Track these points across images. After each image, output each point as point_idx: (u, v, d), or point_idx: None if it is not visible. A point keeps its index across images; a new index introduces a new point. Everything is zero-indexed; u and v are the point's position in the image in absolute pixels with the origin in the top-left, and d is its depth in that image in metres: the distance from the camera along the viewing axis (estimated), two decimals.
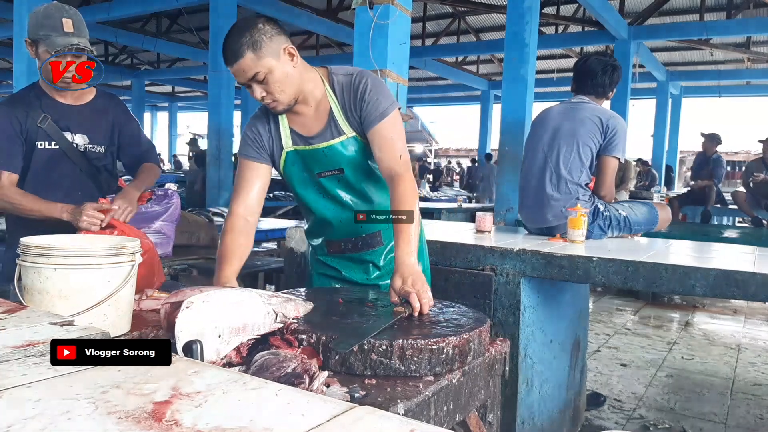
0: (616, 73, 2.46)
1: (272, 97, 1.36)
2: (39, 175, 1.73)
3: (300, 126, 1.47)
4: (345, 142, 1.44)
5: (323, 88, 1.44)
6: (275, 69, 1.32)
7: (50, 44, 1.63)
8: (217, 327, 0.95)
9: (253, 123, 1.52)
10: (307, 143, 1.46)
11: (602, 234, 2.38)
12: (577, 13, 8.80)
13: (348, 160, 1.45)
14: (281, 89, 1.35)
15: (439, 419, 0.94)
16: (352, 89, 1.42)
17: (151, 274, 1.49)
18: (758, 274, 1.60)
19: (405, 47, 3.41)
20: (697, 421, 2.69)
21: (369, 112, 1.40)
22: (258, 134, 1.49)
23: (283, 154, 1.48)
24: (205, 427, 0.57)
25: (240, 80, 1.35)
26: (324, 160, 1.46)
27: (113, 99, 1.92)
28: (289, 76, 1.35)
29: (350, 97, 1.42)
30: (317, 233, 1.61)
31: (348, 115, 1.43)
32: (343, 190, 1.50)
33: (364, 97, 1.40)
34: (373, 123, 1.40)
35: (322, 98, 1.44)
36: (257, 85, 1.34)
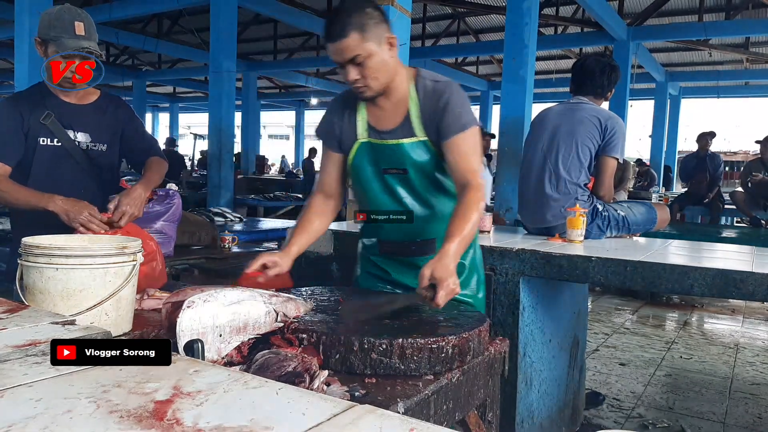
0: (615, 74, 2.47)
1: (364, 82, 1.38)
2: (41, 172, 1.74)
3: (376, 119, 1.48)
4: (415, 143, 1.45)
5: (407, 87, 1.46)
6: (375, 55, 1.35)
7: (60, 46, 1.64)
8: (218, 326, 0.95)
9: (329, 111, 1.57)
10: (379, 137, 1.48)
11: (601, 234, 2.38)
12: (576, 14, 8.80)
13: (413, 163, 1.46)
14: (375, 76, 1.37)
15: (439, 418, 0.95)
16: (436, 96, 1.43)
17: (153, 274, 1.50)
18: (756, 273, 1.60)
19: (405, 48, 3.41)
20: (696, 420, 2.70)
21: (449, 123, 1.41)
22: (331, 124, 1.54)
23: (356, 144, 1.50)
24: (206, 425, 0.57)
25: (336, 59, 1.36)
26: (391, 157, 1.47)
27: (117, 100, 1.93)
28: (386, 64, 1.38)
29: (432, 103, 1.43)
30: (371, 232, 1.60)
31: (425, 119, 1.44)
32: (405, 191, 1.50)
33: (447, 107, 1.41)
34: (452, 134, 1.41)
35: (404, 96, 1.46)
36: (353, 67, 1.36)
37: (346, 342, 0.93)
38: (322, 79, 14.19)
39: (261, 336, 0.99)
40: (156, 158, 1.90)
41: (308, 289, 1.40)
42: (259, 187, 9.83)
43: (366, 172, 1.52)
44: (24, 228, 1.68)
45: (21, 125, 1.71)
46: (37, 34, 1.71)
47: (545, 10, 8.42)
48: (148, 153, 1.91)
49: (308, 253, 2.26)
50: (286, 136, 33.08)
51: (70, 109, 1.78)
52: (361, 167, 1.52)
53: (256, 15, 9.41)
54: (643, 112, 15.70)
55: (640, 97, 12.66)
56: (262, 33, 11.08)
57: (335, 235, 2.24)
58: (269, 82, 15.78)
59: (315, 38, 10.85)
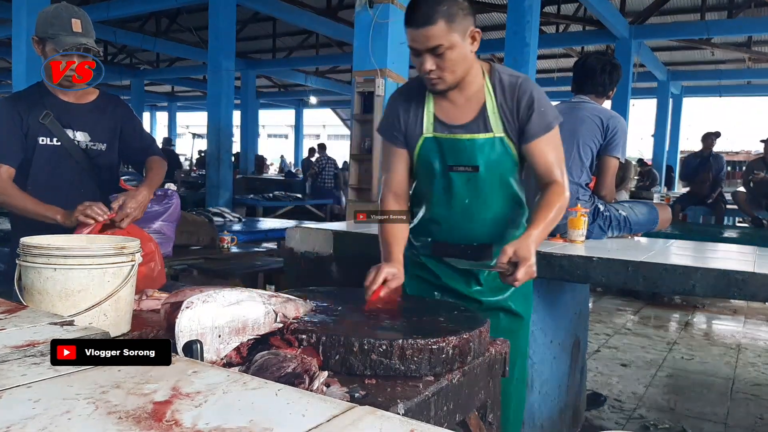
0: (616, 72, 2.46)
1: (440, 74, 1.32)
2: (41, 172, 1.74)
3: (445, 113, 1.42)
4: (491, 139, 1.39)
5: (482, 81, 1.41)
6: (457, 47, 1.29)
7: (58, 43, 1.65)
8: (217, 327, 0.95)
9: (393, 104, 1.48)
10: (450, 131, 1.41)
11: (602, 234, 2.38)
12: (577, 12, 8.79)
13: (486, 160, 1.40)
14: (453, 69, 1.32)
15: (439, 419, 0.94)
16: (517, 92, 1.39)
17: (152, 275, 1.49)
18: (758, 274, 1.60)
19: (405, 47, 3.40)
20: (698, 421, 2.69)
21: (535, 123, 1.38)
22: (397, 117, 1.46)
23: (420, 139, 1.43)
24: (205, 427, 0.57)
25: (417, 45, 1.29)
26: (463, 153, 1.40)
27: (116, 99, 1.94)
28: (466, 58, 1.33)
29: (512, 99, 1.39)
30: (425, 232, 1.52)
31: (503, 114, 1.39)
32: (470, 191, 1.43)
33: (531, 106, 1.38)
34: (538, 134, 1.39)
35: (478, 90, 1.41)
36: (431, 57, 1.30)
37: (345, 343, 0.92)
38: (322, 78, 14.18)
39: (260, 337, 0.98)
40: (156, 158, 1.90)
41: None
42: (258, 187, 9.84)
43: (431, 169, 1.44)
44: (24, 228, 1.69)
45: (20, 125, 1.71)
46: (35, 33, 1.71)
47: (546, 9, 8.41)
48: (147, 152, 1.92)
49: (307, 253, 2.26)
50: (285, 135, 33.09)
51: (69, 109, 1.78)
52: (427, 163, 1.44)
53: (255, 13, 9.40)
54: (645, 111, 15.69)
55: (642, 96, 12.66)
56: (260, 31, 11.07)
57: (335, 235, 2.23)
58: (268, 81, 15.78)
59: (314, 36, 10.84)
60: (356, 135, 3.95)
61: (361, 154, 3.91)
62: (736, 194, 6.34)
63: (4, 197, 1.68)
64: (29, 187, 1.71)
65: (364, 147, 3.88)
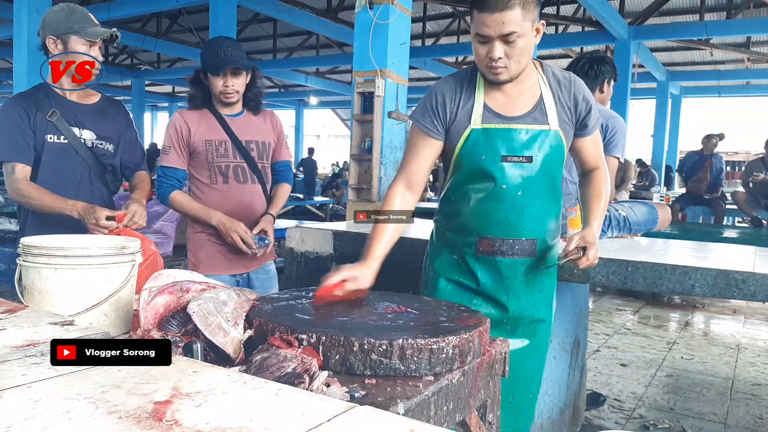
0: (602, 64, 2.44)
1: (506, 62, 1.31)
2: (49, 170, 1.76)
3: (499, 104, 1.40)
4: (547, 132, 1.40)
5: (536, 76, 1.43)
6: (527, 36, 1.29)
7: (88, 34, 1.71)
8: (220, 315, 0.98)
9: (440, 89, 1.43)
10: (505, 121, 1.39)
11: (602, 234, 2.38)
12: (577, 13, 8.80)
13: (540, 151, 1.40)
14: (519, 58, 1.32)
15: (439, 419, 0.94)
16: (573, 88, 1.43)
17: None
18: (758, 274, 1.60)
19: (405, 47, 3.41)
20: (697, 420, 2.69)
21: (590, 119, 1.46)
22: (443, 104, 1.41)
23: (467, 131, 1.40)
24: (206, 426, 0.57)
25: (488, 31, 1.26)
26: (519, 143, 1.39)
27: (118, 104, 1.97)
28: (531, 49, 1.34)
29: (568, 94, 1.42)
30: (470, 229, 1.46)
31: (560, 109, 1.42)
32: (522, 183, 1.40)
33: (589, 102, 1.44)
34: (592, 130, 1.49)
35: (534, 83, 1.42)
36: (501, 44, 1.28)
37: (345, 342, 0.93)
38: (322, 78, 14.18)
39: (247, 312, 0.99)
40: (144, 174, 1.96)
41: None
42: None
43: (475, 161, 1.40)
44: (33, 229, 1.71)
45: (28, 124, 1.74)
46: (49, 33, 1.74)
47: (546, 9, 8.42)
48: (138, 166, 1.97)
49: (307, 253, 2.26)
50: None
51: (74, 108, 1.82)
52: (469, 155, 1.40)
53: (256, 14, 9.41)
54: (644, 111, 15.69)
55: (642, 96, 12.66)
56: (261, 32, 11.08)
57: (335, 235, 2.23)
58: (268, 81, 15.78)
59: (315, 37, 10.85)
60: (356, 135, 3.96)
61: (361, 154, 3.91)
62: (736, 194, 6.34)
63: (23, 197, 1.72)
64: (38, 184, 1.73)
65: (364, 147, 3.88)
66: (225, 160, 1.95)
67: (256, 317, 1.01)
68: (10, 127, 1.72)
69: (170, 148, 1.94)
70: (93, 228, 1.59)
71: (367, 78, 3.56)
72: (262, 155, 2.03)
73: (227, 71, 1.87)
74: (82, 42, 1.71)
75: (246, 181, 1.99)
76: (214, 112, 1.97)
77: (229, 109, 1.99)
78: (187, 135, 1.94)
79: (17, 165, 1.71)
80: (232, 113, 1.99)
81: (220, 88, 1.89)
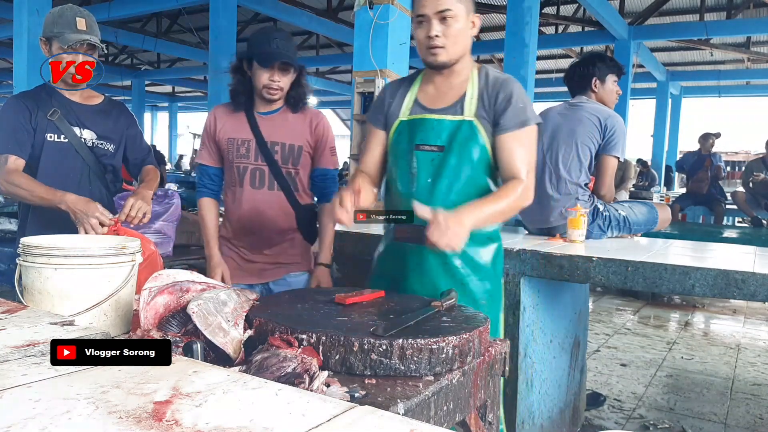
0: (600, 62, 2.43)
1: (444, 41, 1.37)
2: (49, 169, 1.76)
3: (428, 97, 1.48)
4: (460, 122, 1.42)
5: (470, 74, 1.46)
6: (461, 19, 1.36)
7: (63, 40, 1.70)
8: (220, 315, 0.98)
9: (387, 86, 1.57)
10: (425, 112, 1.46)
11: (602, 234, 2.38)
12: (576, 13, 8.79)
13: (453, 141, 1.41)
14: (455, 40, 1.38)
15: (439, 419, 0.94)
16: (498, 85, 1.43)
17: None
18: (758, 274, 1.60)
19: (405, 47, 3.40)
20: (697, 420, 2.69)
21: (511, 116, 1.40)
22: (383, 99, 1.53)
23: (396, 122, 1.49)
24: (206, 426, 0.57)
25: (425, 10, 1.35)
26: (430, 132, 1.43)
27: (120, 105, 1.98)
28: (466, 37, 1.40)
29: (493, 91, 1.43)
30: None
31: (480, 104, 1.43)
32: (434, 171, 1.43)
33: (510, 99, 1.41)
34: (512, 128, 1.40)
35: (464, 81, 1.46)
36: (438, 23, 1.35)
37: (345, 342, 0.93)
38: (322, 79, 14.17)
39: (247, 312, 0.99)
40: (151, 167, 1.95)
41: None
42: None
43: (397, 151, 1.49)
44: (33, 230, 1.71)
45: (29, 120, 1.75)
46: (42, 34, 1.77)
47: (546, 9, 8.42)
48: (144, 162, 1.96)
49: None
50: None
51: (75, 108, 1.82)
52: (395, 145, 1.49)
53: (256, 14, 9.40)
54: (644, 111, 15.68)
55: (641, 96, 12.65)
56: None
57: (335, 234, 2.23)
58: None
59: (315, 37, 10.85)
60: (356, 135, 3.95)
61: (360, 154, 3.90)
62: (736, 194, 6.34)
63: (13, 187, 1.70)
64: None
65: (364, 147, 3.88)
66: (245, 161, 1.80)
67: (256, 317, 1.02)
68: (8, 122, 1.74)
69: (203, 145, 1.89)
70: (83, 221, 1.55)
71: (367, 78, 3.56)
72: (288, 159, 1.81)
73: (276, 65, 1.72)
74: (61, 47, 1.70)
75: (262, 187, 1.80)
76: (246, 109, 1.82)
77: (266, 106, 1.82)
78: (213, 131, 1.85)
79: (10, 156, 1.71)
80: (268, 110, 1.82)
81: (265, 81, 1.73)
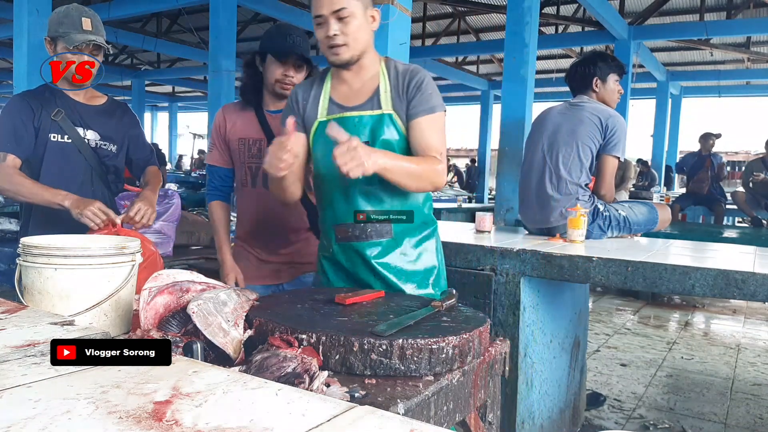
0: (602, 62, 2.43)
1: (344, 40, 1.37)
2: (51, 169, 1.77)
3: (342, 96, 1.47)
4: (379, 116, 1.43)
5: (378, 68, 1.47)
6: (358, 16, 1.36)
7: (69, 40, 1.71)
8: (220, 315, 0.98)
9: (297, 88, 1.54)
10: (343, 111, 1.45)
11: (602, 234, 2.38)
12: (577, 13, 8.79)
13: (374, 136, 1.42)
14: (355, 37, 1.37)
15: (439, 419, 0.94)
16: (408, 76, 1.44)
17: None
18: (758, 274, 1.60)
19: (405, 47, 3.40)
20: (697, 420, 2.69)
21: (419, 102, 1.42)
22: (296, 101, 1.51)
23: (315, 124, 1.48)
24: (206, 426, 0.57)
25: (321, 10, 1.35)
26: (352, 130, 1.41)
27: (124, 106, 1.98)
28: (365, 33, 1.39)
29: (404, 82, 1.43)
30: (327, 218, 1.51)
31: (394, 95, 1.44)
32: None
33: (420, 87, 1.43)
34: (421, 113, 1.42)
35: (374, 75, 1.46)
36: (335, 22, 1.35)
37: (345, 342, 0.92)
38: None
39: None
40: (154, 168, 1.96)
41: None
42: None
43: (323, 152, 1.45)
44: (35, 230, 1.71)
45: (32, 120, 1.75)
46: (47, 34, 1.77)
47: (546, 9, 8.41)
48: (147, 162, 1.97)
49: None
50: None
51: (79, 108, 1.83)
52: (318, 146, 1.47)
53: (256, 14, 9.40)
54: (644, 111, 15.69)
55: (642, 96, 12.65)
56: (261, 32, 11.02)
57: None
58: None
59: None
60: None
61: None
62: (736, 194, 6.34)
63: (9, 185, 1.71)
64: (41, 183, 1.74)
65: None
66: (257, 161, 1.79)
67: (256, 317, 1.02)
68: (10, 121, 1.74)
69: (213, 145, 1.88)
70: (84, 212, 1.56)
71: None
72: None
73: (291, 60, 1.75)
74: (66, 47, 1.71)
75: None
76: (256, 107, 1.83)
77: (276, 103, 1.82)
78: (224, 131, 1.85)
79: (9, 156, 1.72)
80: (278, 108, 1.81)
81: (278, 76, 1.75)
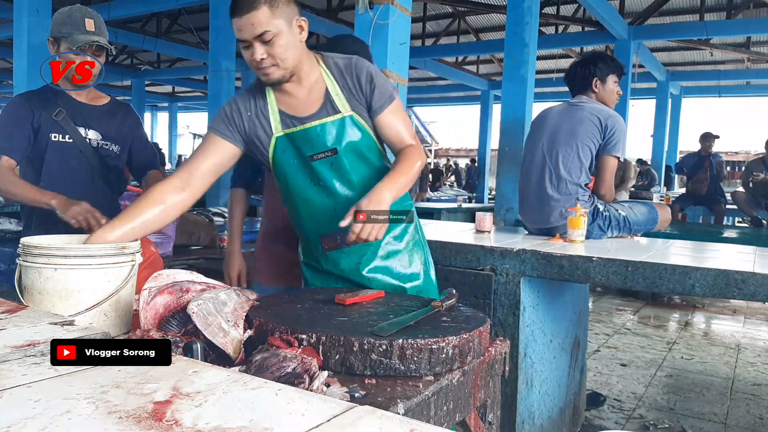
0: (601, 62, 2.42)
1: (272, 62, 1.31)
2: (53, 169, 1.77)
3: (292, 108, 1.41)
4: (340, 120, 1.40)
5: (319, 71, 1.41)
6: (284, 34, 1.29)
7: (72, 41, 1.71)
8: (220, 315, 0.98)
9: (234, 101, 1.44)
10: (301, 123, 1.41)
11: (602, 234, 2.38)
12: (577, 13, 8.79)
13: (342, 140, 1.40)
14: (284, 56, 1.31)
15: (439, 419, 0.94)
16: (355, 72, 1.41)
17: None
18: (758, 274, 1.60)
19: (405, 47, 3.40)
20: (697, 420, 2.69)
21: (379, 97, 1.40)
22: (237, 112, 1.41)
23: (273, 140, 1.42)
24: (206, 426, 0.57)
25: (244, 35, 1.28)
26: (317, 140, 1.40)
27: (127, 107, 1.98)
28: (295, 47, 1.33)
29: (353, 80, 1.40)
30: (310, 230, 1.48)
31: (348, 96, 1.41)
32: (336, 176, 1.42)
33: (372, 80, 1.40)
34: (384, 106, 1.41)
35: (318, 80, 1.41)
36: (260, 45, 1.29)
37: (345, 342, 0.93)
38: None
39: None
40: (157, 172, 1.96)
41: None
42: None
43: (290, 168, 1.42)
44: (37, 229, 1.71)
45: (31, 120, 1.75)
46: (50, 34, 1.77)
47: (546, 9, 8.41)
48: (150, 165, 1.97)
49: None
50: None
51: (81, 108, 1.83)
52: (284, 162, 1.42)
53: None
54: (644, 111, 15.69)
55: (641, 96, 12.65)
56: None
57: None
58: None
59: (315, 38, 10.85)
60: None
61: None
62: (736, 194, 6.34)
63: (2, 185, 1.71)
64: (42, 184, 1.75)
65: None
66: None
67: (256, 317, 1.02)
68: (8, 122, 1.75)
69: None
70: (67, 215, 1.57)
71: None
72: None
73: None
74: (69, 47, 1.72)
75: None
76: None
77: None
78: None
79: (3, 157, 1.73)
80: None
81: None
